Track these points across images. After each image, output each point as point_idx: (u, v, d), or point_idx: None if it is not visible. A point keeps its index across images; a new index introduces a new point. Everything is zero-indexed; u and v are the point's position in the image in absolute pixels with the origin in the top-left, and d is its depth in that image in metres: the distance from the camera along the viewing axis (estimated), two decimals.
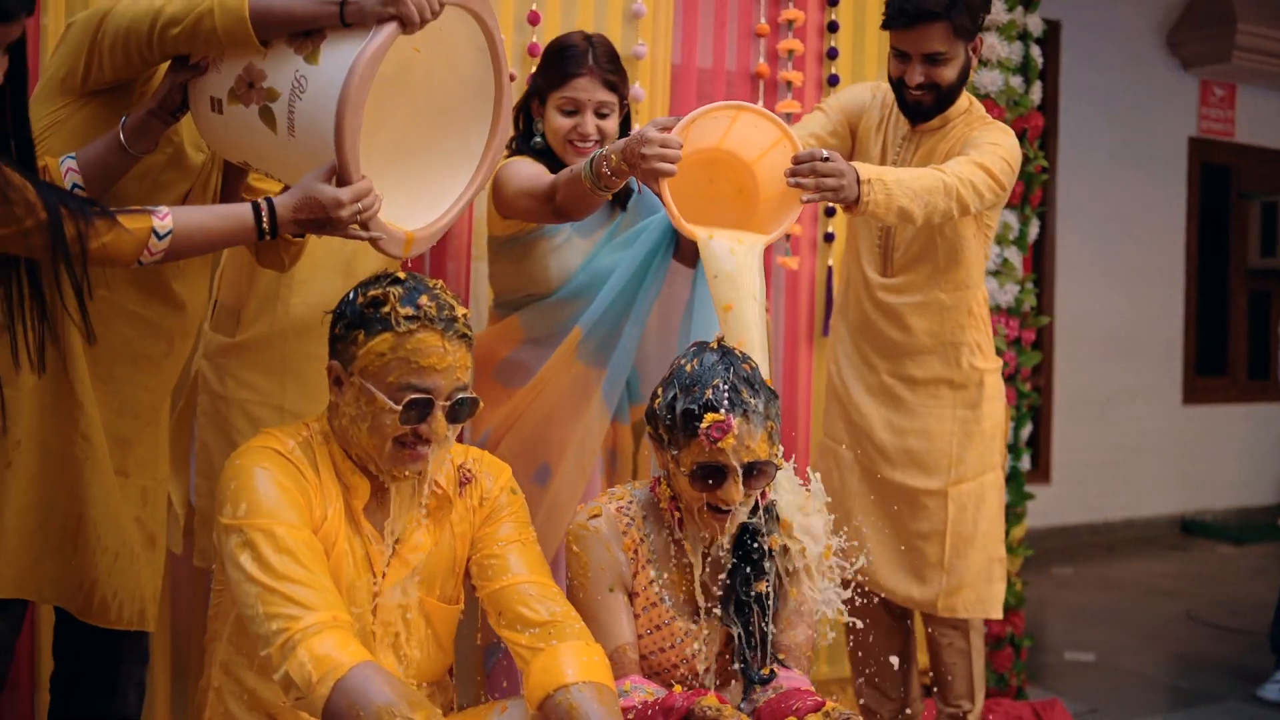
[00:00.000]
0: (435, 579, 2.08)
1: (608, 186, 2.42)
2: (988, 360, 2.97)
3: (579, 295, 2.74)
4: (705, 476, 2.05)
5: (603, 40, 2.78)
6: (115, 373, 2.18)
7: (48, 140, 2.08)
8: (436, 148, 2.21)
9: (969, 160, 2.67)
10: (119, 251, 1.85)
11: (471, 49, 2.14)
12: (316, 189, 1.93)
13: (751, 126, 2.46)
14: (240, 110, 2.00)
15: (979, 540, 2.92)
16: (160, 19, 1.97)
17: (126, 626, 2.21)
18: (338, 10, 1.93)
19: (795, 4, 3.72)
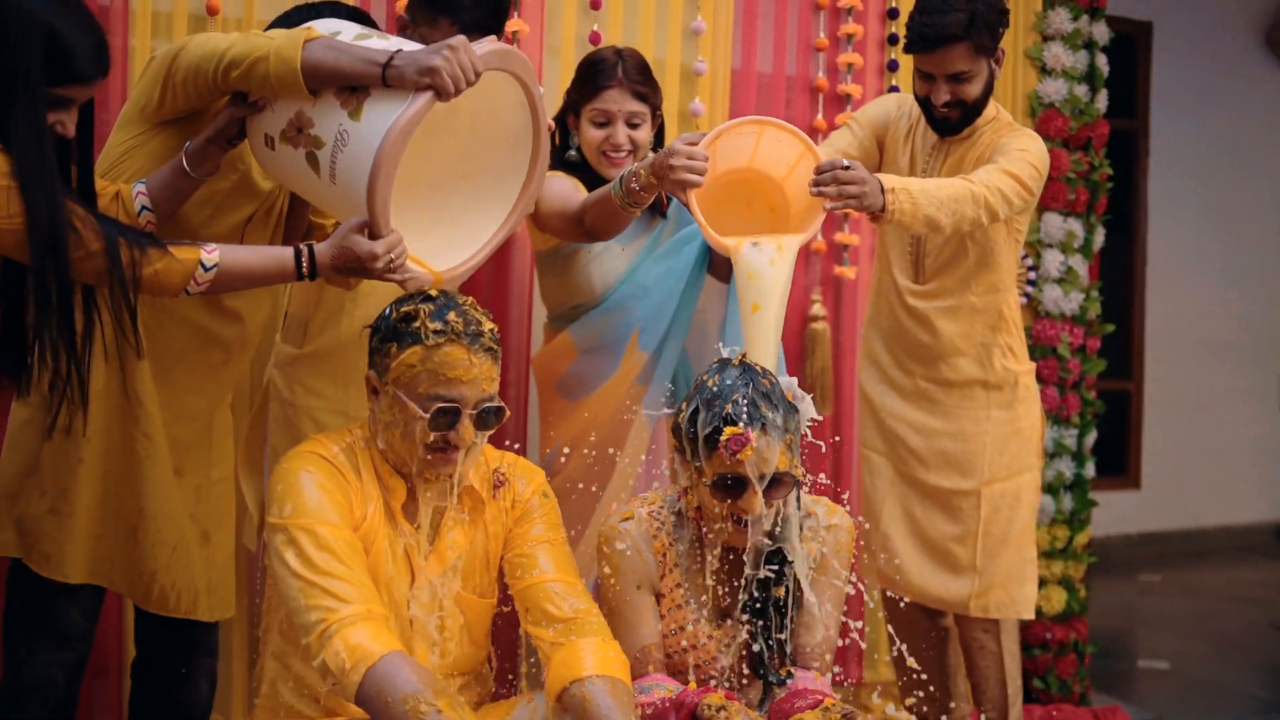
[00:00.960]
0: (470, 575, 2.22)
1: (637, 202, 2.54)
2: (1020, 362, 3.03)
3: (624, 305, 2.86)
4: (726, 487, 2.16)
5: (633, 54, 2.90)
6: (174, 378, 2.36)
7: (126, 162, 2.28)
8: (474, 189, 2.35)
9: (997, 168, 2.74)
10: (169, 280, 2.03)
11: (514, 102, 2.27)
12: (353, 240, 2.09)
13: (776, 142, 2.56)
14: (290, 150, 2.16)
15: (1011, 540, 2.98)
16: (224, 60, 2.13)
17: (184, 615, 2.39)
18: (380, 73, 2.07)
19: (855, 19, 3.79)
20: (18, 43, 1.95)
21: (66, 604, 2.31)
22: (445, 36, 2.51)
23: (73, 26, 2.00)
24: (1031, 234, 3.99)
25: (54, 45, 1.97)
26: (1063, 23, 3.99)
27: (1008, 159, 2.78)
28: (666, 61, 3.58)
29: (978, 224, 2.71)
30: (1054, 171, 3.97)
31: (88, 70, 2.01)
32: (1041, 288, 3.99)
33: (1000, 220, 2.77)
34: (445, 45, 2.08)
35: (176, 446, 2.38)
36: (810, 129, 3.73)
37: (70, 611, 2.32)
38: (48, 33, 1.97)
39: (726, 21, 3.64)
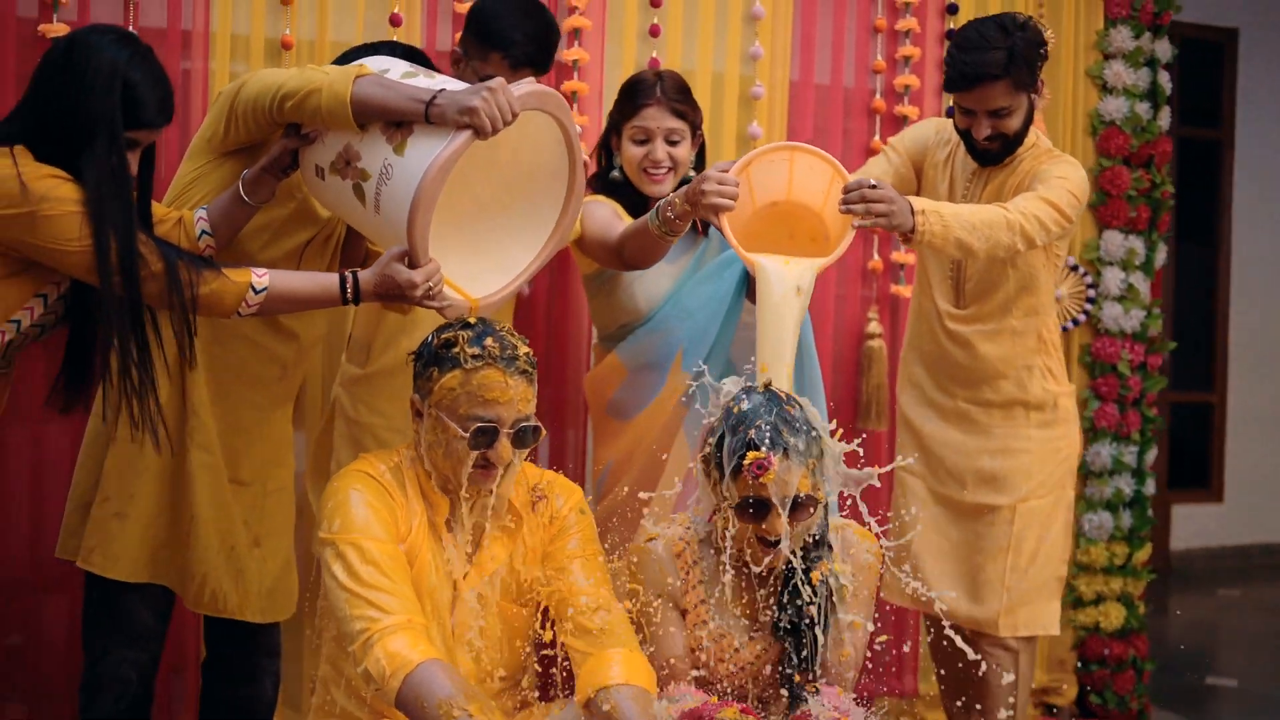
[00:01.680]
0: (509, 586, 2.34)
1: (673, 231, 2.66)
2: (1060, 383, 3.09)
3: (668, 325, 2.97)
4: (750, 510, 2.26)
5: (672, 74, 3.02)
6: (232, 391, 2.54)
7: (193, 190, 2.47)
8: (513, 220, 2.48)
9: (1035, 196, 2.80)
10: (222, 301, 2.21)
11: (552, 140, 2.40)
12: (393, 269, 2.24)
13: (809, 170, 2.65)
14: (338, 181, 2.31)
15: (1041, 558, 3.04)
16: (280, 92, 2.29)
17: (230, 616, 2.55)
18: (424, 110, 2.21)
19: (913, 41, 3.86)
20: (101, 90, 2.17)
21: (137, 605, 2.50)
22: (496, 71, 2.67)
23: (145, 78, 2.21)
24: (1091, 252, 4.02)
25: (128, 94, 2.18)
26: (1124, 40, 4.01)
27: (1047, 186, 2.83)
28: (725, 84, 3.68)
29: (1013, 251, 2.77)
30: (1114, 189, 4.00)
31: (155, 119, 2.23)
32: (1101, 305, 4.01)
33: (1037, 246, 2.81)
34: (485, 86, 2.21)
35: (235, 456, 2.55)
36: (868, 151, 3.80)
37: (141, 613, 2.50)
38: (124, 83, 2.18)
39: (785, 45, 3.72)
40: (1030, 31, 2.90)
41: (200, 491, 2.49)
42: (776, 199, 2.70)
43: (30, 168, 2.14)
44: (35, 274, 2.23)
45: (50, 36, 3.04)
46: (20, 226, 2.13)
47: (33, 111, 2.22)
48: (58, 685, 3.15)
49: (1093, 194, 4.01)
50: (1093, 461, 4.02)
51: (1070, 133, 4.02)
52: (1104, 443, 4.01)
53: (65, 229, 2.13)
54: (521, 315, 3.46)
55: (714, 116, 3.65)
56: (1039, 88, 2.94)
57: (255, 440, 2.59)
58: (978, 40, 2.85)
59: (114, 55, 2.18)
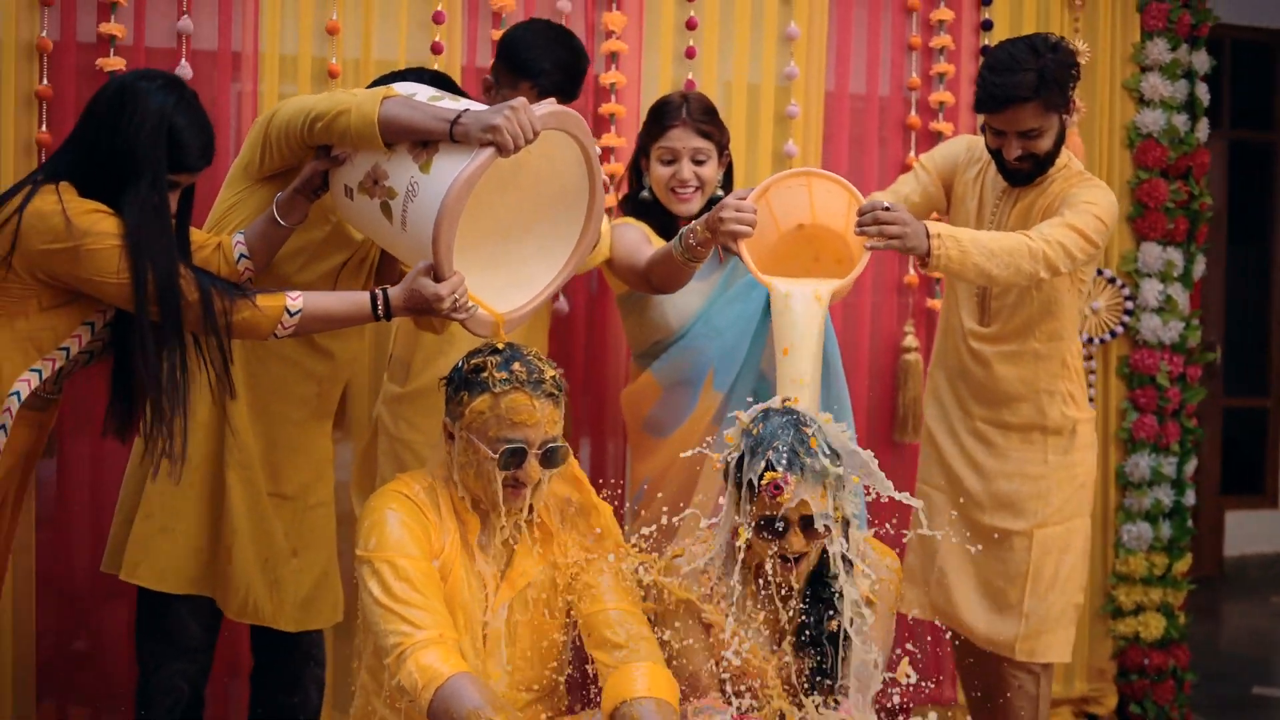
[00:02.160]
0: (540, 600, 2.44)
1: (696, 257, 2.74)
2: (1080, 410, 3.10)
3: (698, 343, 3.04)
4: (768, 528, 2.33)
5: (698, 96, 3.10)
6: (271, 409, 2.66)
7: (231, 215, 2.59)
8: (536, 238, 2.58)
9: (1062, 222, 2.82)
10: (258, 325, 2.33)
11: (573, 160, 2.49)
12: (420, 283, 2.33)
13: (828, 194, 2.71)
14: (366, 200, 2.42)
15: (1059, 585, 3.05)
16: (311, 114, 2.41)
17: (265, 624, 2.67)
18: (448, 129, 2.31)
19: (947, 58, 3.91)
20: (149, 134, 2.30)
21: (186, 618, 2.62)
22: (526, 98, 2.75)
23: (190, 124, 2.34)
24: (1128, 264, 4.04)
25: (173, 139, 2.31)
26: (1161, 53, 4.02)
27: (1074, 212, 2.84)
28: (761, 101, 3.74)
29: (1035, 279, 2.79)
30: (1152, 201, 4.02)
31: (196, 163, 2.37)
32: (1139, 317, 4.03)
33: (1061, 274, 2.84)
34: (507, 106, 2.30)
35: (276, 471, 2.67)
36: (902, 165, 3.85)
37: (190, 625, 2.63)
38: (169, 127, 2.31)
39: (819, 63, 3.78)
40: (1062, 53, 2.91)
41: (237, 506, 2.61)
42: (802, 221, 2.77)
43: (74, 204, 2.26)
44: (82, 303, 2.36)
45: (107, 70, 3.20)
46: (65, 260, 2.25)
47: (81, 149, 2.35)
48: (120, 688, 3.29)
49: (1130, 206, 4.04)
50: (1131, 472, 4.04)
51: (1107, 145, 4.05)
52: (1143, 454, 4.03)
53: (106, 263, 2.26)
54: (562, 332, 3.56)
55: (749, 134, 3.72)
56: (1070, 108, 2.96)
57: (296, 456, 2.71)
58: (1008, 62, 2.87)
59: (161, 102, 2.31)
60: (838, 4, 3.81)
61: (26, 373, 2.32)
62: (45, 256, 2.26)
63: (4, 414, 2.31)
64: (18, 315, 2.32)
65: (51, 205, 2.25)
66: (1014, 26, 3.94)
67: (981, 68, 2.98)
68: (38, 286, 2.30)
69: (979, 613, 3.09)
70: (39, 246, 2.25)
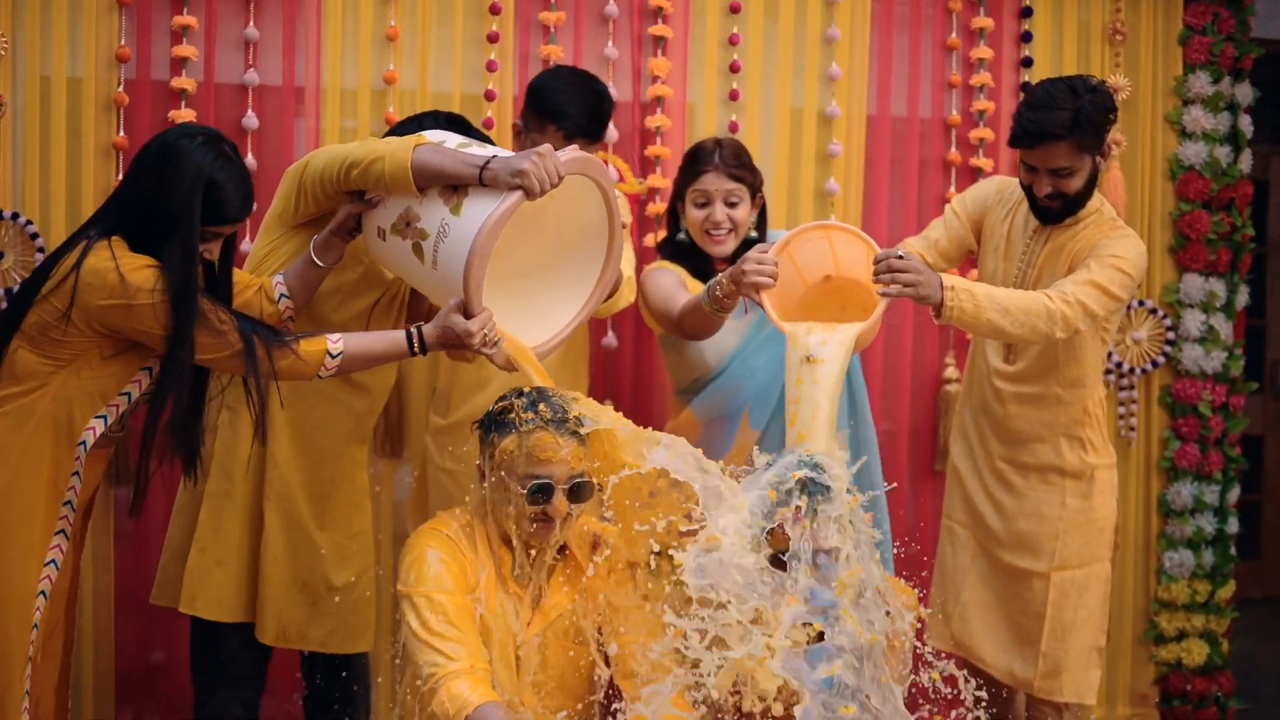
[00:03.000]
0: (570, 630, 2.59)
1: (723, 308, 2.87)
2: (1100, 456, 3.16)
3: (735, 381, 3.18)
4: (779, 565, 2.46)
5: (730, 141, 3.24)
6: (314, 443, 2.84)
7: (268, 262, 2.77)
8: (560, 276, 2.74)
9: (1086, 279, 2.89)
10: (302, 369, 2.50)
11: (594, 203, 2.65)
12: (452, 320, 2.50)
13: (847, 244, 2.82)
14: (399, 241, 2.58)
15: (1079, 628, 3.10)
16: (346, 161, 2.58)
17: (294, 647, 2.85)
18: (478, 174, 2.48)
19: (987, 96, 3.99)
20: (187, 189, 2.45)
21: (238, 647, 2.81)
22: (552, 142, 2.94)
23: (230, 178, 2.49)
24: (1170, 294, 4.09)
25: (213, 193, 2.47)
26: (1203, 86, 4.07)
27: (1100, 266, 2.91)
28: (804, 108, 3.87)
29: (1051, 338, 2.86)
30: (1193, 233, 4.06)
31: (237, 215, 2.53)
32: (1181, 347, 4.08)
33: (1080, 331, 2.91)
34: (534, 151, 2.47)
35: (318, 503, 2.85)
36: (942, 200, 3.95)
37: (242, 654, 2.82)
38: (209, 182, 2.46)
39: (860, 111, 3.90)
40: (1100, 95, 2.97)
41: (274, 534, 2.80)
42: (828, 272, 2.88)
43: (126, 260, 2.42)
44: (140, 350, 2.53)
45: (178, 121, 3.43)
46: (120, 314, 2.42)
47: (126, 204, 2.51)
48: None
49: (1172, 238, 4.10)
50: (1173, 500, 4.09)
51: (1149, 177, 4.10)
52: (1184, 482, 4.08)
53: (157, 316, 2.42)
54: (610, 367, 3.73)
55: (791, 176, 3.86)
56: (1105, 151, 3.02)
57: (338, 489, 2.89)
58: (1046, 99, 2.94)
59: (200, 159, 2.46)
60: (879, 49, 3.92)
61: (93, 420, 2.51)
62: (102, 311, 2.42)
63: (75, 462, 2.50)
64: (82, 365, 2.49)
65: (106, 262, 2.41)
66: (1054, 63, 4.02)
67: (1020, 104, 3.04)
68: (97, 338, 2.47)
69: (1000, 648, 3.15)
70: (97, 302, 2.41)
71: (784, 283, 2.81)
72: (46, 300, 2.44)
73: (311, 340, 2.52)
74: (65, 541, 2.54)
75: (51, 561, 2.52)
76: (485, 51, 3.67)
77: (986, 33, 3.98)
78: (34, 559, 2.50)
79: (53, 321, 2.43)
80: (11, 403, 2.48)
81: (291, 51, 3.56)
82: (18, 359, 2.47)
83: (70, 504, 2.53)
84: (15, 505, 2.47)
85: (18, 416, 2.47)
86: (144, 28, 3.50)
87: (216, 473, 2.79)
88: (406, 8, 3.61)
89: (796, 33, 3.86)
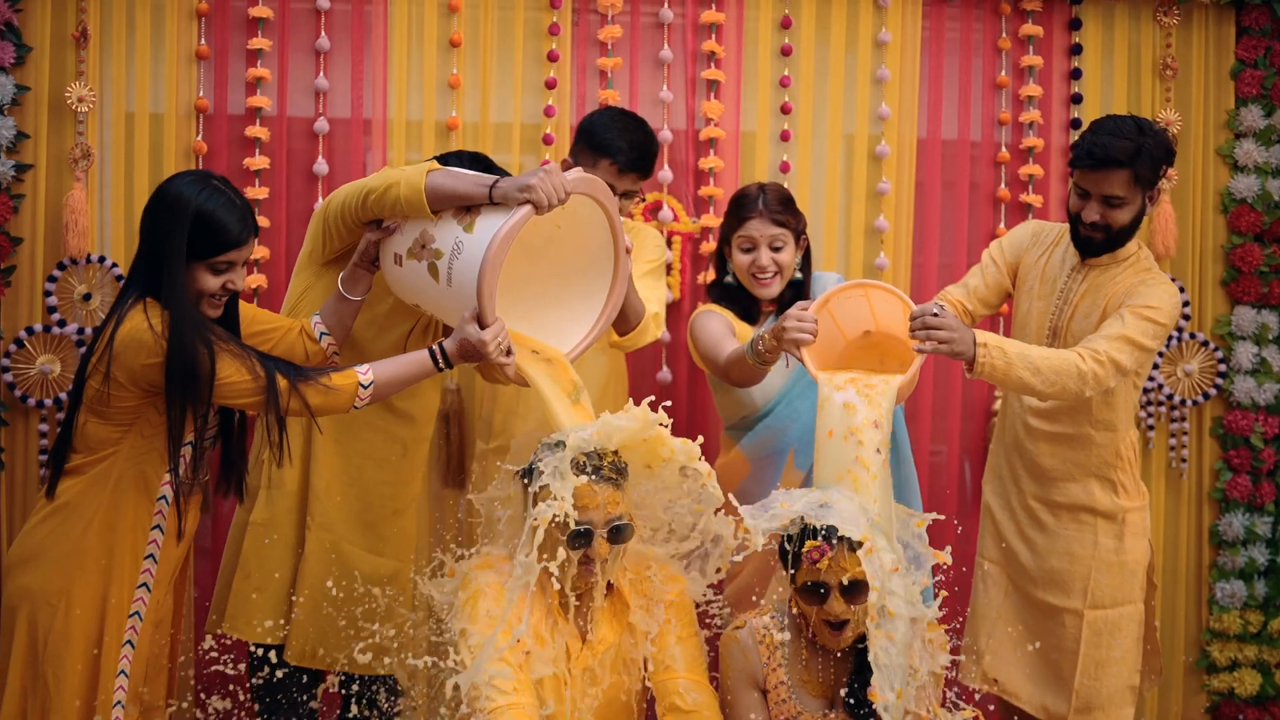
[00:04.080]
0: (616, 664, 2.71)
1: (766, 362, 2.99)
2: (1132, 499, 3.21)
3: (781, 421, 3.29)
4: (811, 593, 2.57)
5: (775, 187, 3.36)
6: (364, 474, 3.00)
7: (304, 302, 2.95)
8: (570, 304, 2.88)
9: (1119, 334, 2.96)
10: (337, 403, 2.63)
11: (600, 230, 2.80)
12: (467, 332, 2.63)
13: (883, 301, 2.92)
14: (414, 264, 2.73)
15: (1112, 667, 3.15)
16: (364, 190, 2.75)
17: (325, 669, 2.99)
18: (488, 192, 2.64)
19: (1037, 133, 4.05)
20: (173, 223, 2.55)
21: (292, 671, 2.97)
22: (605, 175, 3.14)
23: (220, 205, 2.58)
24: (1222, 327, 4.12)
25: (204, 223, 2.56)
26: (1255, 119, 4.09)
27: (1134, 318, 2.97)
28: (855, 148, 3.97)
29: (1081, 398, 2.95)
30: (1245, 266, 4.09)
31: (239, 236, 2.61)
32: (1233, 379, 4.10)
33: (1110, 387, 2.98)
34: (540, 169, 2.62)
35: (367, 530, 3.01)
36: (991, 236, 4.02)
37: (292, 676, 2.98)
38: (198, 213, 2.56)
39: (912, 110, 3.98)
40: (1162, 138, 3.06)
41: (312, 559, 2.96)
42: (868, 328, 2.99)
43: (158, 318, 2.53)
44: None
45: (253, 169, 3.64)
46: (159, 371, 2.54)
47: (140, 256, 2.62)
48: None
49: (1224, 271, 4.12)
50: (1225, 531, 4.12)
51: (1200, 210, 4.13)
52: (1236, 513, 4.11)
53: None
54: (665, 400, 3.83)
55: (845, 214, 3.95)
56: (1153, 195, 3.09)
57: (389, 515, 3.05)
58: (1113, 128, 3.03)
59: (187, 193, 2.57)
60: (928, 87, 4.01)
61: (166, 474, 2.66)
62: (145, 371, 2.54)
63: (156, 516, 2.66)
64: (144, 425, 2.63)
65: (140, 324, 2.52)
66: (1104, 98, 4.07)
67: (1085, 130, 3.13)
68: (148, 397, 2.60)
69: (1033, 683, 3.21)
70: (138, 364, 2.53)
71: (824, 338, 2.92)
72: (96, 371, 2.57)
73: (342, 374, 2.64)
74: (147, 593, 2.67)
75: (135, 613, 2.66)
76: (543, 98, 3.82)
77: (1036, 69, 4.04)
78: (118, 611, 2.63)
79: (104, 390, 2.56)
80: (91, 469, 2.63)
81: (360, 92, 3.76)
82: (88, 430, 2.62)
83: (152, 557, 2.67)
84: (98, 561, 2.62)
85: (96, 480, 2.63)
86: (220, 78, 3.71)
87: (261, 504, 2.97)
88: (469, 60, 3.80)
89: (848, 75, 3.96)
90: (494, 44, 3.81)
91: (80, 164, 3.63)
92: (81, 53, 3.63)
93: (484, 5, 3.80)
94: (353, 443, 2.99)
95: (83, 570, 2.60)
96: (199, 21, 3.70)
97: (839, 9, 3.95)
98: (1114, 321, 3.00)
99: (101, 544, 2.62)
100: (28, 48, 3.60)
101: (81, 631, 2.60)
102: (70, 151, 3.63)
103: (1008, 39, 4.03)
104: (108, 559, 2.63)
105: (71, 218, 3.60)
